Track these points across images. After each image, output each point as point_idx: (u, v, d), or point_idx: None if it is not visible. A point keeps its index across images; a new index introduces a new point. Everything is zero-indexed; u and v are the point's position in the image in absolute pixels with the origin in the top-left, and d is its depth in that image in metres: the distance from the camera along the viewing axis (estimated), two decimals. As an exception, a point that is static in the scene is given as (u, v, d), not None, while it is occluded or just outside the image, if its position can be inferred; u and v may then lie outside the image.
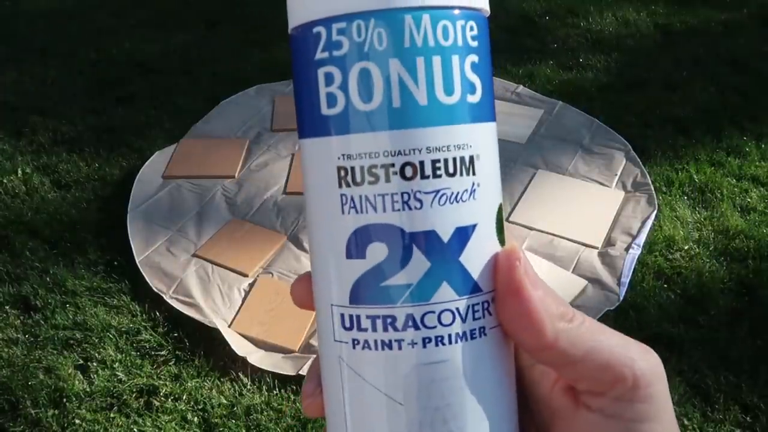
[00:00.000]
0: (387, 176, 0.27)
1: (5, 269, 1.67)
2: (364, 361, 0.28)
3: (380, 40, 0.26)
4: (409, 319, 0.27)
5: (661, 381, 0.28)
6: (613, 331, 0.29)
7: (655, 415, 0.28)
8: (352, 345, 0.28)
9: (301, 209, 1.81)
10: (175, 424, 1.33)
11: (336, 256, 0.28)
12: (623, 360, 0.28)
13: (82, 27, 2.87)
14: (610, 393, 0.28)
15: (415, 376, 0.27)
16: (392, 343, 0.27)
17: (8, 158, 2.06)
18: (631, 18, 2.94)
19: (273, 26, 2.77)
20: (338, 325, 0.28)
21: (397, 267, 0.27)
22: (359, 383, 0.28)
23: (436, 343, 0.27)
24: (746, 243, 1.75)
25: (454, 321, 0.27)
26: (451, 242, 0.27)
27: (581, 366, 0.28)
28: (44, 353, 1.46)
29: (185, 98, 2.33)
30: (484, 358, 0.28)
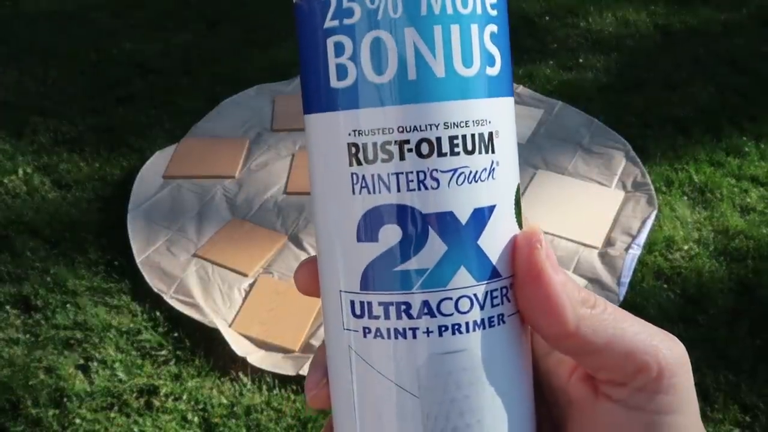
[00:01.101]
0: (401, 153, 0.25)
1: (6, 269, 1.67)
2: (375, 351, 0.26)
3: (395, 6, 0.25)
4: (425, 305, 0.25)
5: (686, 371, 0.27)
6: (637, 319, 0.28)
7: (679, 407, 0.27)
8: (362, 333, 0.26)
9: (302, 209, 1.81)
10: (175, 424, 1.33)
11: (346, 239, 0.26)
12: (647, 348, 0.27)
13: (82, 27, 2.87)
14: (632, 383, 0.27)
15: (430, 367, 0.25)
16: (406, 332, 0.25)
17: (9, 158, 2.06)
18: (631, 18, 2.94)
19: (273, 26, 2.77)
20: (348, 313, 0.26)
21: (412, 251, 0.25)
22: (370, 374, 0.26)
23: (453, 331, 0.25)
24: (746, 243, 1.75)
25: (472, 308, 0.26)
26: (469, 224, 0.26)
27: (603, 355, 0.27)
28: (45, 353, 1.46)
29: (185, 98, 2.33)
30: (502, 347, 0.27)
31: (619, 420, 0.27)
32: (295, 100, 2.26)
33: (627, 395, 0.27)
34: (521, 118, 2.20)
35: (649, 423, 0.26)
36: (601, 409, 0.27)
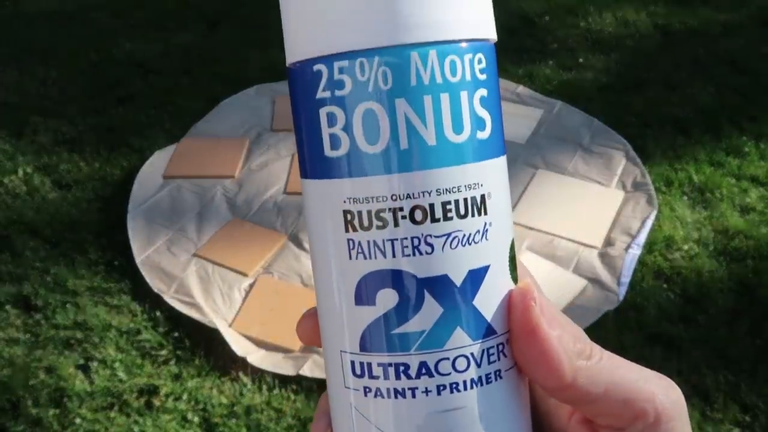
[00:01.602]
0: (395, 220, 0.25)
1: (6, 269, 1.67)
2: (376, 410, 0.27)
3: (385, 78, 0.25)
4: (423, 366, 0.26)
5: (682, 415, 0.28)
6: (632, 364, 0.28)
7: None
8: (363, 393, 0.27)
9: (302, 209, 1.81)
10: (175, 424, 1.33)
11: (344, 302, 0.27)
12: (644, 395, 0.27)
13: (82, 27, 2.87)
14: (630, 428, 0.27)
15: (430, 425, 0.26)
16: (405, 392, 0.26)
17: (9, 158, 2.06)
18: (631, 18, 2.94)
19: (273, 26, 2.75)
20: (349, 372, 0.27)
21: (409, 314, 0.26)
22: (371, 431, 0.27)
23: (451, 390, 0.26)
24: (746, 243, 1.75)
25: (469, 367, 0.26)
26: (464, 286, 0.26)
27: (601, 403, 0.27)
28: (45, 353, 1.46)
29: (185, 98, 2.33)
30: (500, 402, 0.27)
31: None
32: (295, 100, 2.26)
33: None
34: (521, 118, 2.20)
35: None
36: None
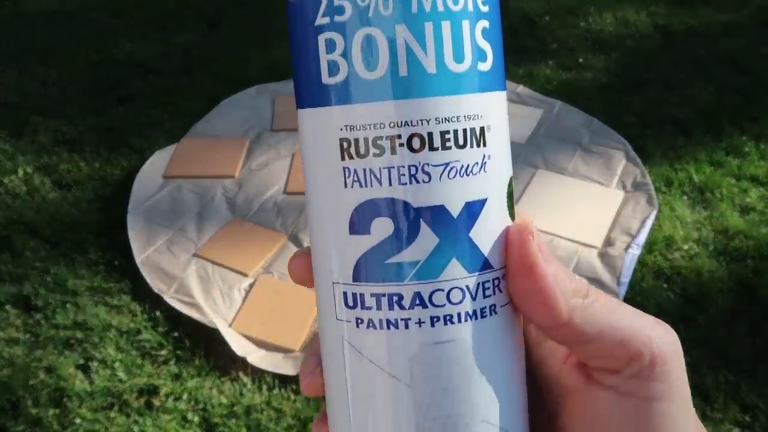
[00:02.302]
0: (393, 148, 0.25)
1: (6, 269, 1.67)
2: (368, 341, 0.26)
3: (386, 4, 0.25)
4: (417, 297, 0.26)
5: (677, 359, 0.28)
6: (629, 307, 0.28)
7: (671, 394, 0.27)
8: (355, 324, 0.26)
9: (302, 209, 1.81)
10: (175, 424, 1.33)
11: (338, 231, 0.26)
12: (640, 337, 0.27)
13: (82, 27, 2.87)
14: (625, 371, 0.27)
15: (422, 357, 0.26)
16: (398, 322, 0.26)
17: (9, 158, 2.06)
18: (631, 18, 2.94)
19: (273, 26, 2.77)
20: (340, 304, 0.27)
21: (404, 243, 0.26)
22: (363, 363, 0.27)
23: (445, 322, 0.26)
24: (746, 243, 1.75)
25: (464, 299, 0.26)
26: (460, 217, 0.26)
27: (596, 344, 0.27)
28: (45, 353, 1.46)
29: (185, 98, 2.33)
30: (494, 338, 0.27)
31: (611, 406, 0.27)
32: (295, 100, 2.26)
33: (619, 382, 0.27)
34: (521, 118, 2.20)
35: (641, 409, 0.27)
36: (594, 396, 0.28)
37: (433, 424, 0.26)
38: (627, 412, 0.27)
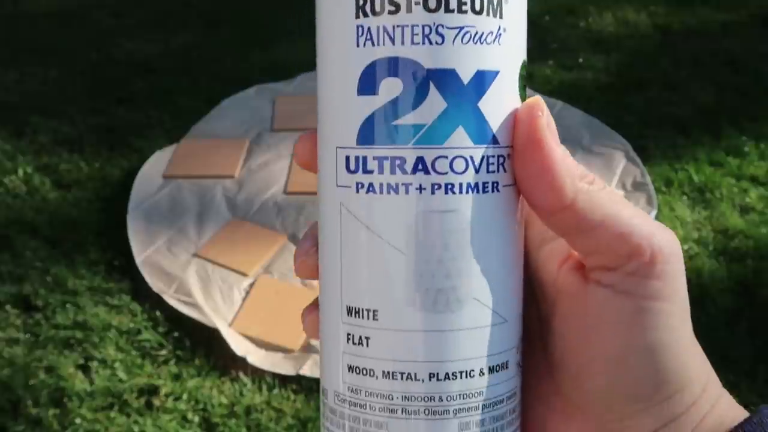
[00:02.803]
0: (408, 6, 0.25)
1: (6, 269, 1.67)
2: (366, 206, 0.26)
3: None
4: (420, 162, 0.25)
5: (677, 260, 0.27)
6: (632, 205, 0.27)
7: (669, 294, 0.27)
8: (355, 189, 0.26)
9: (302, 209, 1.81)
10: (175, 424, 1.33)
11: (347, 92, 0.26)
12: (642, 232, 0.26)
13: (82, 27, 2.87)
14: (624, 267, 0.26)
15: (420, 224, 0.25)
16: (399, 187, 0.25)
17: (9, 158, 2.06)
18: (631, 18, 2.94)
19: (273, 26, 2.77)
20: (342, 169, 0.26)
21: (411, 105, 0.25)
22: (359, 230, 0.26)
23: (446, 190, 0.25)
24: (745, 243, 1.75)
25: (467, 170, 0.25)
26: (470, 85, 0.25)
27: (597, 234, 0.26)
28: (45, 353, 1.46)
29: (185, 98, 2.33)
30: (495, 215, 0.26)
31: (608, 305, 0.27)
32: (295, 100, 2.26)
33: (617, 279, 0.26)
34: (521, 118, 2.20)
35: (638, 308, 0.26)
36: (590, 295, 0.27)
37: (424, 294, 0.25)
38: (623, 310, 0.26)
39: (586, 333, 0.27)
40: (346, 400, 0.27)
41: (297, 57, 2.46)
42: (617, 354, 0.27)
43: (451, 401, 0.26)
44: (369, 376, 0.26)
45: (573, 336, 0.28)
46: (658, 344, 0.26)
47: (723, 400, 0.29)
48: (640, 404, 0.27)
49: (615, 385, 0.27)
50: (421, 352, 0.26)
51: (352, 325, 0.26)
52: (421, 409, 0.26)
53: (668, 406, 0.27)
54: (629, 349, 0.26)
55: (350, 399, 0.27)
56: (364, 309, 0.26)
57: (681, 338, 0.27)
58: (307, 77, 2.38)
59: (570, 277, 0.28)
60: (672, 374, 0.27)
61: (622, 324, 0.26)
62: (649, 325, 0.26)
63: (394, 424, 0.26)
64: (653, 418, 0.27)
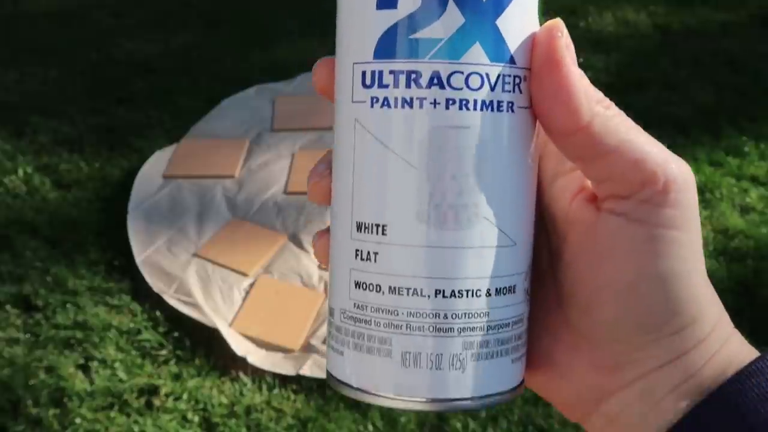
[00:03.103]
0: None
1: (6, 269, 1.67)
2: (380, 120, 0.26)
3: None
4: (435, 76, 0.25)
5: (691, 189, 0.27)
6: (648, 135, 0.27)
7: (683, 224, 0.26)
8: (370, 104, 0.26)
9: (302, 209, 1.81)
10: (175, 423, 1.33)
11: (366, 7, 0.26)
12: (656, 159, 0.26)
13: (82, 27, 2.87)
14: (637, 195, 0.26)
15: (433, 139, 0.25)
16: (413, 101, 0.25)
17: (9, 158, 2.06)
18: (631, 18, 2.94)
19: (273, 26, 2.77)
20: (358, 84, 0.26)
21: (429, 19, 0.25)
22: (372, 145, 0.26)
23: (461, 106, 0.25)
24: (745, 243, 1.75)
25: (482, 86, 0.25)
26: (489, 2, 0.25)
27: (611, 160, 0.26)
28: (45, 353, 1.46)
29: (185, 98, 2.33)
30: (510, 136, 0.26)
31: (620, 233, 0.26)
32: (295, 100, 2.26)
33: (631, 208, 0.26)
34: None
35: (650, 236, 0.26)
36: (602, 224, 0.27)
37: (434, 210, 0.26)
38: (635, 238, 0.26)
39: (598, 261, 0.27)
40: (352, 317, 0.27)
41: (297, 57, 2.46)
42: (628, 282, 0.26)
43: (455, 319, 0.26)
44: (375, 292, 0.26)
45: (584, 265, 0.27)
46: (669, 273, 0.26)
47: (734, 339, 0.28)
48: (649, 335, 0.27)
49: (625, 313, 0.27)
50: (429, 268, 0.26)
51: (361, 241, 0.27)
52: (426, 326, 0.26)
53: (678, 339, 0.27)
54: (640, 277, 0.26)
55: (355, 315, 0.27)
56: (374, 224, 0.26)
57: (694, 270, 0.27)
58: (307, 77, 2.38)
59: (582, 208, 0.28)
60: (683, 305, 0.26)
61: (634, 252, 0.26)
62: (662, 252, 0.26)
63: (398, 340, 0.26)
64: (662, 351, 0.27)
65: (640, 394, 0.27)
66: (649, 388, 0.27)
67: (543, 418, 1.32)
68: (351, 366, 0.27)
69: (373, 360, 0.27)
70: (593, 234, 0.27)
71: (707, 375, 0.27)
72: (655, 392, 0.27)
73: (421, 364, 0.26)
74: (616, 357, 0.27)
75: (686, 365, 0.27)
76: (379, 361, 0.27)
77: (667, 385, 0.27)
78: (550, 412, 1.32)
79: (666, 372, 0.27)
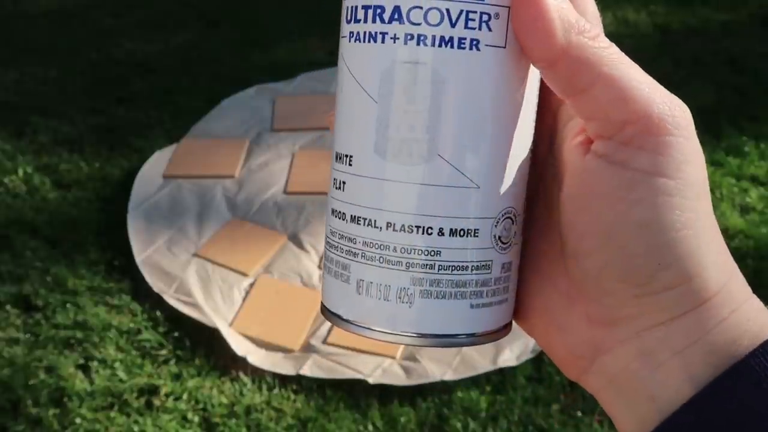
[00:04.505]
0: None
1: (6, 269, 1.67)
2: (352, 54, 0.27)
3: None
4: (396, 11, 0.25)
5: (686, 133, 0.24)
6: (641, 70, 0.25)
7: (672, 171, 0.24)
8: (348, 38, 0.27)
9: (302, 209, 1.81)
10: (175, 423, 1.33)
11: None
12: (640, 97, 0.24)
13: (82, 27, 2.87)
14: (618, 136, 0.24)
15: (391, 73, 0.26)
16: (377, 36, 0.26)
17: (9, 158, 2.06)
18: (631, 18, 2.94)
19: (273, 26, 2.77)
20: (344, 20, 0.28)
21: None
22: (346, 78, 0.27)
23: (418, 41, 0.25)
24: (745, 243, 1.75)
25: (441, 22, 0.25)
26: None
27: (592, 95, 0.24)
28: (45, 353, 1.46)
29: (185, 98, 2.33)
30: (472, 74, 0.25)
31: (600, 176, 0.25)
32: (295, 100, 2.26)
33: (612, 149, 0.24)
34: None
35: (630, 180, 0.24)
36: (586, 166, 0.25)
37: (389, 144, 0.26)
38: (613, 182, 0.24)
39: (582, 207, 0.26)
40: (328, 242, 0.29)
41: (297, 57, 2.47)
42: (607, 229, 0.25)
43: (404, 254, 0.26)
44: (341, 219, 0.28)
45: (571, 211, 0.26)
46: (652, 222, 0.24)
47: (750, 304, 0.26)
48: (636, 289, 0.25)
49: (607, 263, 0.25)
50: (382, 200, 0.26)
51: (336, 171, 0.28)
52: (377, 257, 0.26)
53: (672, 297, 0.24)
54: (619, 225, 0.24)
55: (329, 240, 0.28)
56: (344, 154, 0.27)
57: (688, 221, 0.24)
58: (307, 77, 2.38)
59: (575, 150, 0.27)
60: (670, 258, 0.24)
61: (613, 196, 0.24)
62: (642, 200, 0.24)
63: (354, 268, 0.27)
64: (655, 309, 0.25)
65: (637, 354, 0.25)
66: (647, 348, 0.25)
67: (543, 418, 1.32)
68: (325, 289, 0.29)
69: (336, 284, 0.28)
70: (578, 178, 0.26)
71: (716, 341, 0.24)
72: (656, 355, 0.25)
73: (371, 293, 0.27)
74: (608, 311, 0.26)
75: (689, 328, 0.24)
76: (339, 286, 0.28)
77: (668, 348, 0.25)
78: (550, 412, 1.33)
79: (664, 332, 0.25)
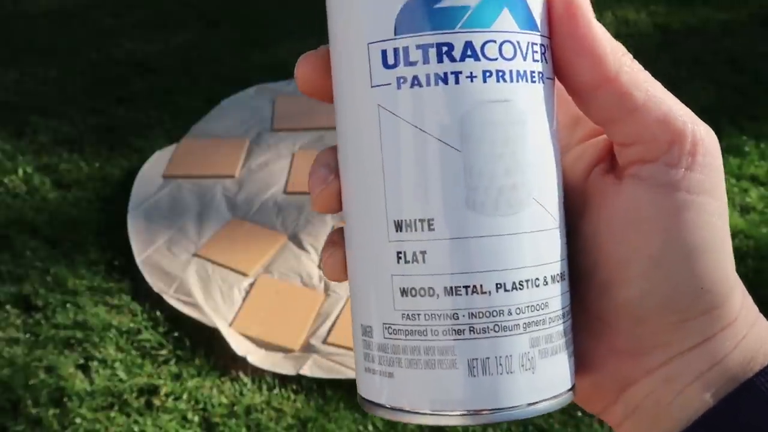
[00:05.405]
0: None
1: (6, 269, 1.67)
2: (411, 102, 0.23)
3: None
4: (468, 47, 0.23)
5: (719, 152, 0.25)
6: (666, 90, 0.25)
7: (711, 189, 0.24)
8: (396, 85, 0.24)
9: (302, 209, 1.81)
10: (175, 423, 1.33)
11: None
12: (684, 117, 0.25)
13: (82, 27, 2.87)
14: (664, 157, 0.24)
15: (475, 116, 0.23)
16: (448, 77, 0.23)
17: (9, 158, 2.06)
18: (631, 17, 2.94)
19: (273, 26, 2.77)
20: (378, 66, 0.24)
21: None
22: (404, 130, 0.24)
23: (498, 78, 0.23)
24: (746, 243, 1.75)
25: (515, 56, 0.24)
26: None
27: (638, 116, 0.24)
28: (45, 352, 1.46)
29: (185, 98, 2.33)
30: (546, 108, 0.25)
31: (645, 201, 0.24)
32: (295, 100, 2.26)
33: (656, 171, 0.24)
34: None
35: (678, 203, 0.24)
36: (625, 192, 0.25)
37: (484, 195, 0.23)
38: (662, 205, 0.24)
39: (621, 234, 0.25)
40: (401, 330, 0.24)
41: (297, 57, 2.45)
42: (653, 255, 0.24)
43: (520, 314, 0.24)
44: (428, 296, 0.24)
45: (605, 240, 0.25)
46: (700, 244, 0.24)
47: (761, 323, 0.26)
48: (674, 315, 0.24)
49: (650, 291, 0.24)
50: (487, 260, 0.23)
51: (403, 242, 0.24)
52: (490, 326, 0.23)
53: (707, 321, 0.24)
54: (667, 249, 0.24)
55: (406, 328, 0.24)
56: (417, 220, 0.24)
57: (724, 240, 0.24)
58: (307, 77, 2.38)
59: (601, 179, 0.26)
60: (712, 283, 0.24)
61: (660, 220, 0.24)
62: (690, 221, 0.24)
63: (461, 347, 0.23)
64: (689, 334, 0.24)
65: (663, 382, 0.25)
66: (673, 375, 0.25)
67: (543, 418, 1.32)
68: (408, 387, 0.24)
69: (435, 375, 0.24)
70: (615, 205, 0.25)
71: (735, 362, 0.24)
72: (679, 380, 0.25)
73: (490, 370, 0.23)
74: (639, 341, 0.25)
75: (713, 350, 0.24)
76: (443, 375, 0.24)
77: (692, 372, 0.24)
78: (549, 412, 1.32)
79: (691, 357, 0.25)
